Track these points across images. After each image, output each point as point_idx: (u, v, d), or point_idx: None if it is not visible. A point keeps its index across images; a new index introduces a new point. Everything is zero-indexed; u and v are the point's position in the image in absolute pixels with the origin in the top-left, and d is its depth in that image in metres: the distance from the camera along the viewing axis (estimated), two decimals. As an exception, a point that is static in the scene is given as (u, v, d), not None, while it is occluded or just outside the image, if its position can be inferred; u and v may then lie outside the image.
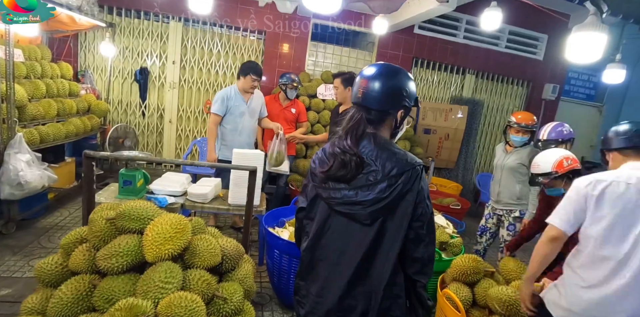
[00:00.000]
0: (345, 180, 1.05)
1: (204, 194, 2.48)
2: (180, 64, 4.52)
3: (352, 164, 1.03)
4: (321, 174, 1.09)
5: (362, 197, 1.02)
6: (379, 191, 1.00)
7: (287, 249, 2.00)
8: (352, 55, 5.02)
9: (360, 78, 1.10)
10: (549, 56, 5.52)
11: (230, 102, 3.02)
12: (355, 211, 1.03)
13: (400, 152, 1.05)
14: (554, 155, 1.86)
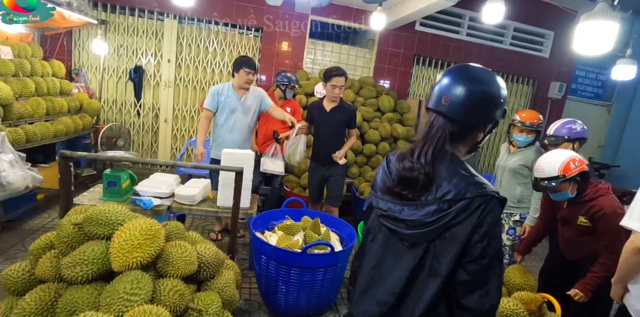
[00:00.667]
0: (407, 198, 0.92)
1: (191, 195, 2.37)
2: (175, 62, 4.43)
3: (419, 184, 0.89)
4: (382, 189, 0.98)
5: (406, 216, 0.89)
6: (425, 214, 0.86)
7: (274, 255, 1.88)
8: (351, 53, 4.90)
9: (447, 80, 0.90)
10: (556, 53, 5.36)
11: (221, 97, 2.90)
12: (397, 227, 0.92)
13: (469, 175, 0.87)
14: (559, 157, 1.70)
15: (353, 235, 2.26)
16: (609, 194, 1.68)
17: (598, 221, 1.64)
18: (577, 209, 1.73)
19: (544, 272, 2.14)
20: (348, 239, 2.30)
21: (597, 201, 1.65)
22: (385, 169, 1.01)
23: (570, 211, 1.78)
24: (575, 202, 1.73)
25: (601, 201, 1.65)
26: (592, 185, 1.72)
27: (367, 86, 4.38)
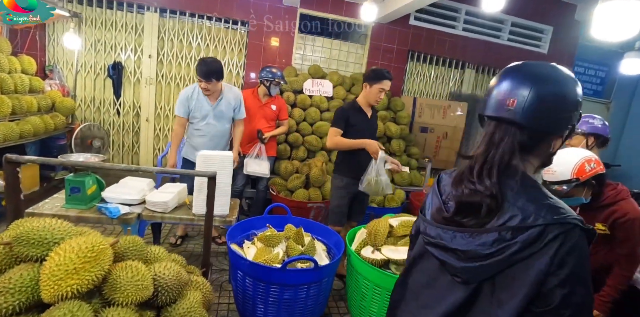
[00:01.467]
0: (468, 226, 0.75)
1: (164, 202, 2.16)
2: (157, 58, 4.18)
3: (485, 209, 0.71)
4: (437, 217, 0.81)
5: (458, 245, 0.73)
6: (482, 244, 0.69)
7: (250, 271, 1.68)
8: (343, 48, 4.68)
9: (510, 80, 0.75)
10: (554, 49, 5.19)
11: (191, 102, 2.68)
12: (447, 258, 0.75)
13: (541, 197, 0.70)
14: (573, 158, 1.49)
15: (340, 244, 2.05)
16: (629, 197, 1.50)
17: (620, 228, 1.45)
18: (594, 215, 1.53)
19: None
20: (335, 249, 2.10)
21: (619, 206, 1.48)
22: (436, 191, 0.85)
23: (585, 218, 1.56)
24: (592, 207, 1.54)
25: (623, 205, 1.48)
26: (610, 187, 1.53)
27: (360, 83, 4.18)
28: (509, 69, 0.78)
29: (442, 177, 0.88)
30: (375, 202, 3.35)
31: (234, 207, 2.40)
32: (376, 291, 1.78)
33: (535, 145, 0.75)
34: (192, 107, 2.68)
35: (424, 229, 0.83)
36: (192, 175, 1.80)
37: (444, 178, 0.87)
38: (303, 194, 3.05)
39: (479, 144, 0.78)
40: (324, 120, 3.78)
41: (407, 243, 1.85)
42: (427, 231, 0.82)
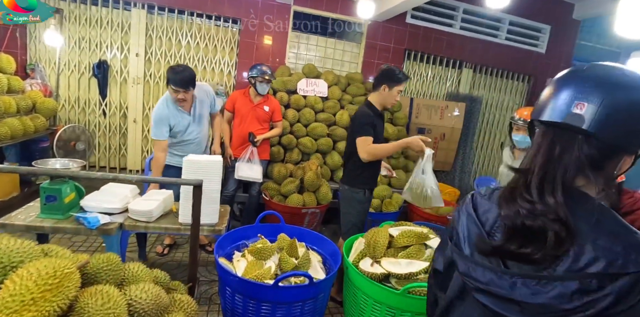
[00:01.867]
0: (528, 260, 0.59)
1: (148, 211, 2.01)
2: (144, 56, 4.02)
3: (552, 238, 0.56)
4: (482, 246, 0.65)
5: (523, 296, 0.56)
6: (559, 296, 0.53)
7: (240, 288, 1.54)
8: (338, 46, 4.56)
9: (579, 81, 0.62)
10: (552, 49, 5.12)
11: (171, 121, 2.44)
12: (504, 310, 0.58)
13: (625, 231, 0.56)
14: None
15: (336, 254, 1.93)
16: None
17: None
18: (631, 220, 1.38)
19: None
20: (331, 259, 1.97)
21: (638, 215, 1.33)
22: (474, 219, 0.69)
23: None
24: (625, 212, 1.39)
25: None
26: (628, 195, 1.39)
27: (355, 83, 4.06)
28: (576, 68, 0.66)
29: (478, 202, 0.71)
30: (373, 206, 3.23)
31: (224, 214, 2.27)
32: (376, 307, 1.66)
33: (603, 162, 0.60)
34: (174, 125, 2.46)
35: (466, 270, 0.65)
36: (177, 184, 1.67)
37: (482, 203, 0.70)
38: (297, 199, 2.92)
39: (530, 155, 0.64)
40: (318, 122, 3.65)
41: (409, 255, 1.73)
42: (470, 273, 0.63)
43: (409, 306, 1.59)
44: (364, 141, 2.11)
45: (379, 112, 2.24)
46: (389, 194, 3.38)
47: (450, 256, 0.72)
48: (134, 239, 2.56)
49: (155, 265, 2.50)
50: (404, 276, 1.63)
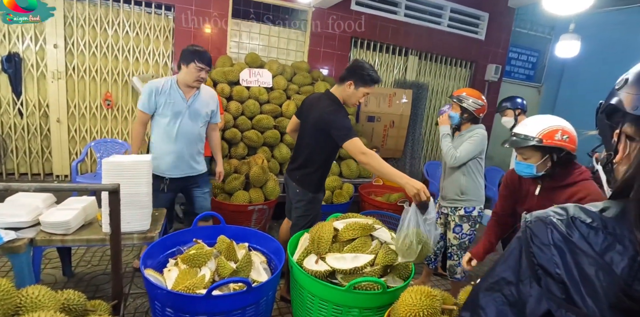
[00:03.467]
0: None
1: (64, 222, 1.77)
2: (65, 48, 3.59)
3: None
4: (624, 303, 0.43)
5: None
6: None
7: (169, 301, 1.39)
8: (282, 35, 4.38)
9: None
10: (490, 35, 5.31)
11: (161, 97, 2.19)
12: None
13: None
14: (551, 121, 1.42)
15: (280, 252, 1.82)
16: (591, 178, 1.41)
17: None
18: (555, 197, 1.42)
19: None
20: (276, 258, 1.87)
21: (583, 186, 1.38)
22: (593, 256, 0.46)
23: (544, 199, 1.47)
24: (554, 187, 1.44)
25: (587, 185, 1.38)
26: (576, 167, 1.43)
27: (302, 72, 3.93)
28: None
29: (586, 228, 0.49)
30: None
31: (159, 219, 2.07)
32: (322, 305, 1.58)
33: None
34: (162, 103, 2.19)
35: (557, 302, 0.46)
36: (86, 189, 1.45)
37: (594, 236, 0.48)
38: (243, 196, 2.77)
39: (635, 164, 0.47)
40: (264, 114, 3.48)
41: (354, 249, 1.67)
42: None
43: (356, 301, 1.54)
44: (358, 142, 1.86)
45: (343, 108, 2.02)
46: (339, 185, 3.33)
47: (546, 310, 0.49)
48: (57, 254, 2.29)
49: (82, 282, 2.25)
50: (349, 271, 1.57)
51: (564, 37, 3.05)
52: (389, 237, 1.74)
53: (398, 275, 1.67)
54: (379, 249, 1.66)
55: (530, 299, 0.51)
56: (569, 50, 3.12)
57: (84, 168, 3.85)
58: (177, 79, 2.26)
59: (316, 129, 1.97)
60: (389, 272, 1.68)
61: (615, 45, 5.16)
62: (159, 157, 2.27)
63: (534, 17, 5.66)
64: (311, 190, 2.07)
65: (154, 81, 2.25)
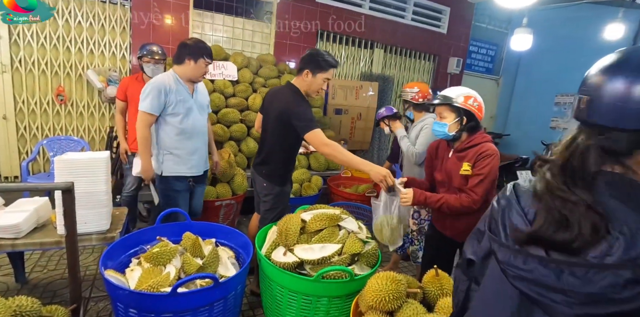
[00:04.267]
0: (567, 248, 0.57)
1: (13, 225, 1.67)
2: (10, 38, 3.32)
3: (584, 225, 0.55)
4: (517, 234, 0.63)
5: (572, 285, 0.54)
6: (610, 286, 0.51)
7: (133, 302, 1.35)
8: (247, 26, 4.29)
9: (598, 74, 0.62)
10: (452, 29, 5.48)
11: (171, 96, 2.08)
12: (549, 300, 0.56)
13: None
14: (466, 89, 1.71)
15: (248, 246, 1.81)
16: (491, 141, 1.71)
17: (479, 163, 1.62)
18: (463, 156, 1.69)
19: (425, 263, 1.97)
20: (244, 252, 1.85)
21: (485, 145, 1.66)
22: (516, 207, 0.67)
23: (456, 160, 1.72)
24: (463, 148, 1.70)
25: (488, 145, 1.67)
26: (480, 132, 1.73)
27: (268, 65, 3.87)
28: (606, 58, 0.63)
29: (519, 188, 0.71)
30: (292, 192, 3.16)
31: (120, 218, 1.99)
32: (292, 297, 1.60)
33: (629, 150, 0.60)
34: (174, 101, 2.09)
35: (507, 258, 0.63)
36: (36, 189, 1.36)
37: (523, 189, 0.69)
38: (210, 191, 2.71)
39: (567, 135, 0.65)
40: (230, 107, 3.41)
41: (322, 239, 1.69)
42: (511, 262, 0.62)
43: (325, 291, 1.56)
44: (319, 133, 1.85)
45: (305, 100, 2.00)
46: (308, 177, 3.34)
47: (488, 246, 0.70)
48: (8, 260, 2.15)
49: (37, 288, 2.13)
50: (317, 261, 1.59)
51: (517, 31, 3.21)
52: (356, 226, 1.77)
53: (366, 263, 1.71)
54: (346, 238, 1.69)
55: (483, 241, 0.74)
56: (522, 44, 3.29)
57: (37, 168, 3.62)
58: (178, 74, 2.15)
59: (279, 122, 1.95)
60: (357, 260, 1.71)
61: (565, 39, 5.49)
62: (179, 156, 2.18)
63: (492, 12, 5.89)
64: (278, 183, 2.07)
65: (158, 80, 2.09)
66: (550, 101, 5.80)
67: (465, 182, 1.66)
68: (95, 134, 3.80)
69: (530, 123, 6.08)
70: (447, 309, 1.32)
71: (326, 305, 1.59)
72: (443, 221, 1.82)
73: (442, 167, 1.79)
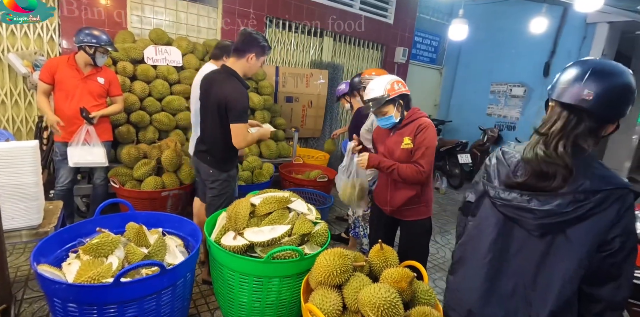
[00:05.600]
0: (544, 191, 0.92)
1: None
2: None
3: (559, 178, 0.89)
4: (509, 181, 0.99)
5: (536, 206, 0.91)
6: (559, 205, 0.88)
7: (71, 296, 1.27)
8: (192, 10, 4.08)
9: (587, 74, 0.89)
10: (398, 20, 5.63)
11: None
12: (522, 217, 0.94)
13: (603, 169, 0.91)
14: (385, 79, 1.80)
15: (196, 233, 1.79)
16: (426, 116, 1.85)
17: (419, 136, 1.75)
18: (403, 132, 1.81)
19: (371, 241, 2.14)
20: (192, 239, 1.82)
21: (421, 120, 1.79)
22: (503, 162, 1.03)
23: (397, 137, 1.82)
24: (403, 125, 1.81)
25: (424, 119, 1.80)
26: (414, 109, 1.85)
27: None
28: (585, 62, 0.92)
29: (505, 151, 1.05)
30: (243, 178, 3.13)
31: (54, 212, 1.85)
32: (243, 279, 1.61)
33: (598, 130, 0.91)
34: None
35: (496, 193, 0.99)
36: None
37: (508, 152, 1.03)
38: (155, 182, 2.59)
39: (549, 122, 0.94)
40: (175, 94, 3.26)
41: (272, 221, 1.72)
42: (499, 195, 0.98)
43: (276, 271, 1.59)
44: (244, 128, 1.92)
45: (245, 84, 2.01)
46: (259, 165, 3.32)
47: (482, 189, 1.06)
48: None
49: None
50: (267, 242, 1.61)
51: (455, 22, 3.40)
52: (305, 208, 1.82)
53: (315, 242, 1.76)
54: (295, 219, 1.73)
55: (479, 186, 1.08)
56: (459, 34, 3.49)
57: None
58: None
59: (219, 109, 1.92)
60: (307, 241, 1.76)
61: (498, 32, 5.91)
62: None
63: (435, 4, 6.15)
64: (224, 169, 2.05)
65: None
66: (486, 90, 6.24)
67: (406, 156, 1.77)
68: (21, 125, 3.44)
69: (469, 110, 6.52)
70: (391, 279, 1.41)
71: (277, 285, 1.62)
72: (384, 194, 1.92)
73: (384, 146, 1.89)
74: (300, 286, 1.64)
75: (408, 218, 1.88)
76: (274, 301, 1.65)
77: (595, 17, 4.80)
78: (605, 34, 4.84)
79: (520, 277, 0.95)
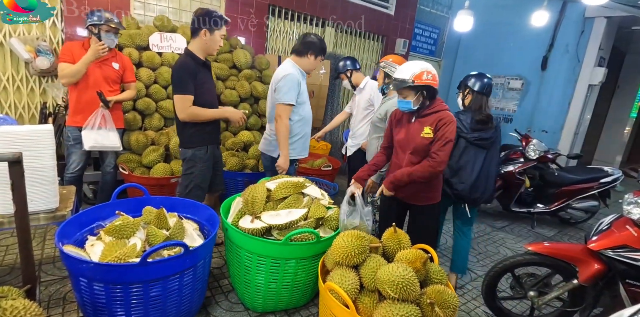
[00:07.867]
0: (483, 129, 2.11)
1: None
2: None
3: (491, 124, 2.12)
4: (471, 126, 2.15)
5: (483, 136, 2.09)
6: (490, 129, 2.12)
7: (98, 275, 1.31)
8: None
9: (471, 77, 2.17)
10: (399, 11, 5.63)
11: (301, 86, 2.27)
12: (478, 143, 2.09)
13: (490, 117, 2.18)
14: (417, 65, 1.78)
15: (214, 218, 1.82)
16: (448, 109, 1.88)
17: (442, 130, 1.78)
18: (424, 121, 1.83)
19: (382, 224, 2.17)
20: (209, 225, 1.86)
21: (444, 113, 1.82)
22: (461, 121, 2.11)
23: (418, 125, 1.86)
24: (424, 114, 1.84)
25: (447, 113, 1.82)
26: (439, 100, 1.88)
27: (218, 39, 3.71)
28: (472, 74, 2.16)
29: (460, 117, 2.11)
30: (249, 166, 3.16)
31: (68, 196, 1.87)
32: (261, 261, 1.66)
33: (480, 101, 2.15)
34: (303, 90, 2.29)
35: (465, 135, 2.08)
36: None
37: (462, 116, 2.13)
38: (164, 168, 2.61)
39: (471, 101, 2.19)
40: (180, 83, 3.25)
41: (288, 205, 1.76)
42: (467, 135, 2.08)
43: (293, 253, 1.64)
44: (184, 100, 1.98)
45: (202, 62, 2.07)
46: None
47: (457, 136, 2.01)
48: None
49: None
50: (285, 225, 1.66)
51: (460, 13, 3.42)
52: (318, 193, 1.86)
53: (329, 226, 1.81)
54: (310, 204, 1.77)
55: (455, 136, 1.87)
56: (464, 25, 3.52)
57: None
58: (298, 65, 2.30)
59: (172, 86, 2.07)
60: (321, 224, 1.81)
61: (498, 25, 5.95)
62: (304, 138, 2.39)
63: (436, -4, 6.15)
64: (187, 146, 2.12)
65: (291, 72, 2.20)
66: (485, 82, 6.30)
67: (425, 145, 1.81)
68: (23, 112, 3.40)
69: (467, 103, 6.59)
70: (406, 259, 1.46)
71: (294, 267, 1.67)
72: None
73: (405, 132, 1.90)
74: (314, 268, 1.69)
75: (419, 203, 1.94)
76: (290, 282, 1.70)
77: (593, 12, 4.86)
78: (603, 28, 4.91)
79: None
